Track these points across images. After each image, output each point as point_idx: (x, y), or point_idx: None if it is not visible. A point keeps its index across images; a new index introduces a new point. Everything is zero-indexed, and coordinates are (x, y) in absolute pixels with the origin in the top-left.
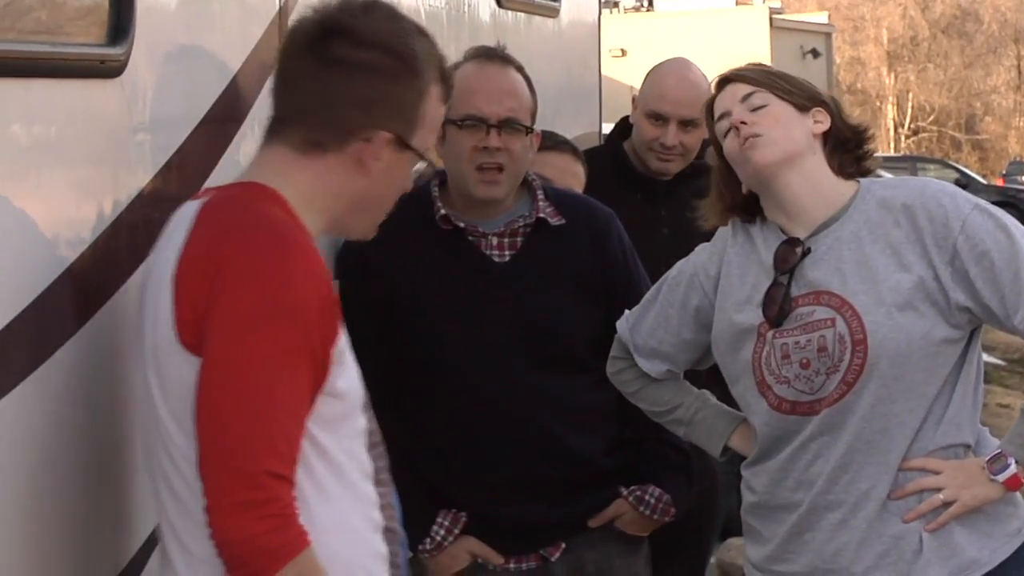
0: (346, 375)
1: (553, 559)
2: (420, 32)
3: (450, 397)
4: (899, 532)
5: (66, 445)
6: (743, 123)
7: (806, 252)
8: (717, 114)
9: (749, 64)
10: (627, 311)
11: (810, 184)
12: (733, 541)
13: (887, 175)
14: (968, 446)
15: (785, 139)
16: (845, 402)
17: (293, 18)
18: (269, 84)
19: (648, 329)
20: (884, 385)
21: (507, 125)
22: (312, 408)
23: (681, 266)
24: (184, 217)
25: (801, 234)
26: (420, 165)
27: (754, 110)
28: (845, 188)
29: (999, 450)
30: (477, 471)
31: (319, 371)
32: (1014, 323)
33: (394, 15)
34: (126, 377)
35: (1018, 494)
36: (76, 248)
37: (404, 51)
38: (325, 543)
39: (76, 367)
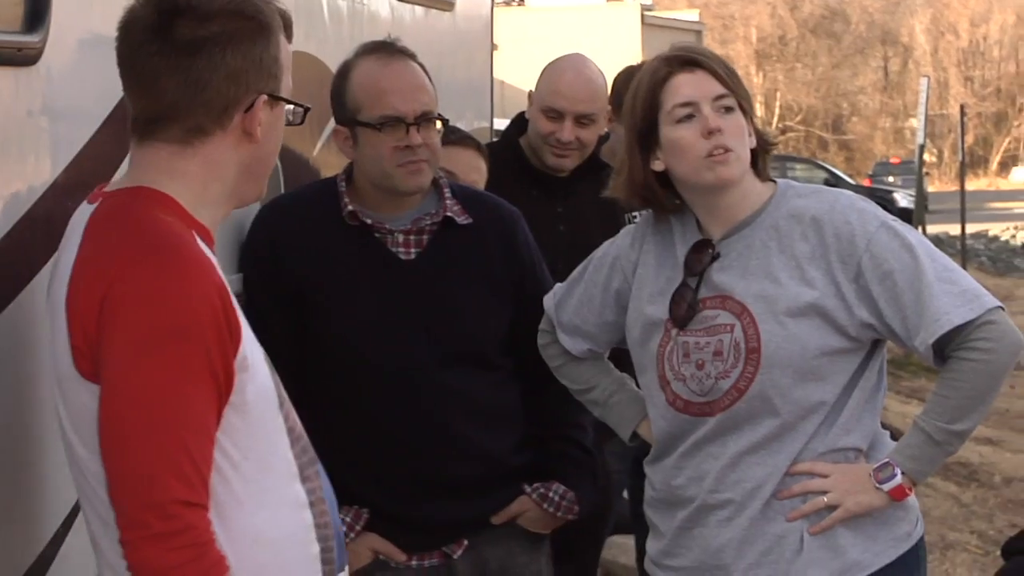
0: (254, 381)
1: (456, 556)
2: None
3: (356, 394)
4: (781, 531)
5: None
6: (719, 130)
7: (715, 257)
8: (679, 99)
9: (703, 48)
10: (557, 285)
11: (742, 193)
12: (615, 539)
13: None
14: (859, 450)
15: (745, 157)
16: (736, 409)
17: None
18: None
19: (572, 307)
20: (778, 393)
21: (424, 119)
22: (220, 422)
23: (606, 247)
24: (76, 229)
25: (716, 232)
26: (295, 109)
27: (721, 113)
28: (763, 190)
29: (887, 459)
30: (382, 468)
31: (223, 385)
32: (914, 343)
33: None
34: (37, 373)
35: (913, 499)
36: None
37: (249, 9)
38: (253, 555)
39: None
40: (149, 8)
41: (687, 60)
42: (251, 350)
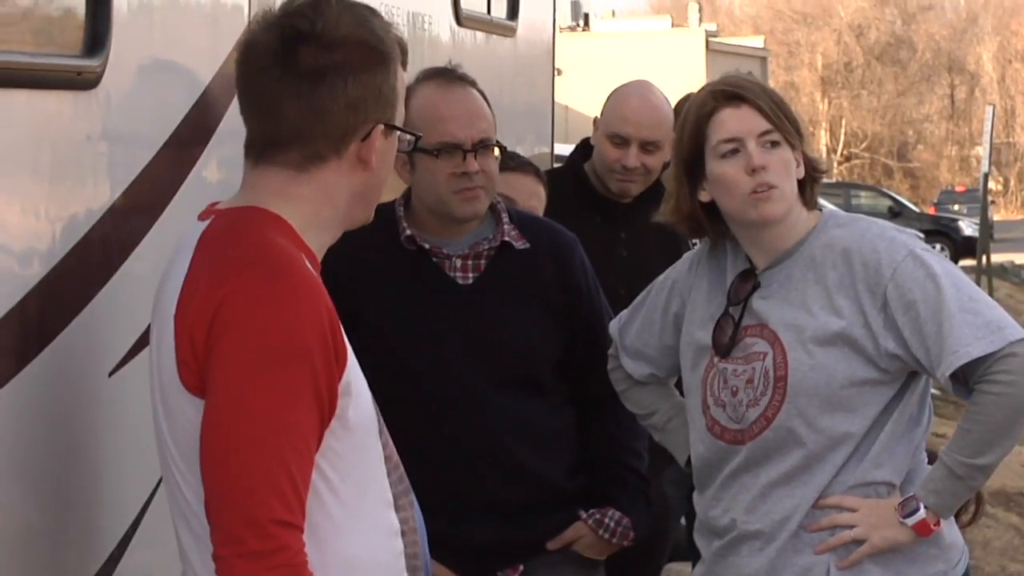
0: (357, 406)
1: None
2: (372, 12)
3: (412, 418)
4: (809, 563)
5: (31, 461)
6: (763, 168)
7: (756, 287)
8: (723, 134)
9: (749, 80)
10: (624, 311)
11: (787, 226)
12: (673, 566)
13: (822, 202)
14: (892, 485)
15: (791, 192)
16: (765, 438)
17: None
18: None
19: (635, 331)
20: (804, 423)
21: (481, 147)
22: (321, 445)
23: (668, 272)
24: (187, 245)
25: (761, 262)
26: (407, 137)
27: (766, 148)
28: (809, 219)
29: (912, 494)
30: (437, 492)
31: (327, 407)
32: (937, 375)
33: (343, 2)
34: (95, 395)
35: (952, 535)
36: (48, 262)
37: (372, 40)
38: None
39: (45, 383)
40: (272, 34)
41: (732, 95)
42: (355, 375)
